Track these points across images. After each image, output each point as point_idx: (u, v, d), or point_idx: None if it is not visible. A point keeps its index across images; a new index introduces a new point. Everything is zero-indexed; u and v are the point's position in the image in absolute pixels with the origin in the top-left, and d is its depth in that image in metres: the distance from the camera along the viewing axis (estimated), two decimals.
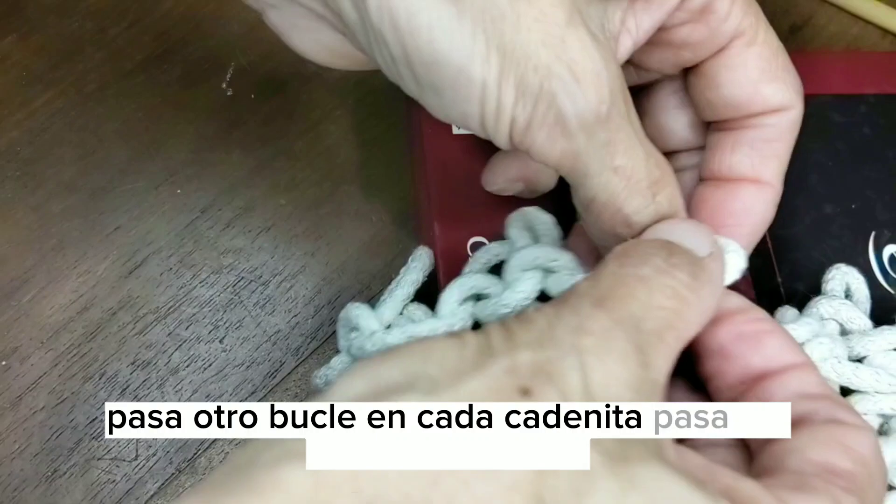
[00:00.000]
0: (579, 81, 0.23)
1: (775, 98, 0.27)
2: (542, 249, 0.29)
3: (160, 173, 0.37)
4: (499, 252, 0.31)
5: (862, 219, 0.36)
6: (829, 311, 0.32)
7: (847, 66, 0.39)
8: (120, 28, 0.40)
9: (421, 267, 0.32)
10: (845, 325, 0.32)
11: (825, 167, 0.37)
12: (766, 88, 0.27)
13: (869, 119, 0.38)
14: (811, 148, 0.35)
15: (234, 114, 0.38)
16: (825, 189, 0.36)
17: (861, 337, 0.31)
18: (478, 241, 0.33)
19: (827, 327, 0.32)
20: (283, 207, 0.37)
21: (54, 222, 0.36)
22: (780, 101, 0.28)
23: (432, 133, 0.35)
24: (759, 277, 0.34)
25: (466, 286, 0.30)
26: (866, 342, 0.31)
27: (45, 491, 0.32)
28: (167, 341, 0.34)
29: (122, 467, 0.32)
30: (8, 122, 0.37)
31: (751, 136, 0.28)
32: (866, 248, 0.35)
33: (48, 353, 0.34)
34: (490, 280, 0.30)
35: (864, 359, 0.31)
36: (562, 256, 0.29)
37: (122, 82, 0.39)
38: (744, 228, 0.29)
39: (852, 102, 0.38)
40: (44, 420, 0.33)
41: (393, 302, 0.31)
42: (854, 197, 0.36)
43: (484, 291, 0.30)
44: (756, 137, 0.28)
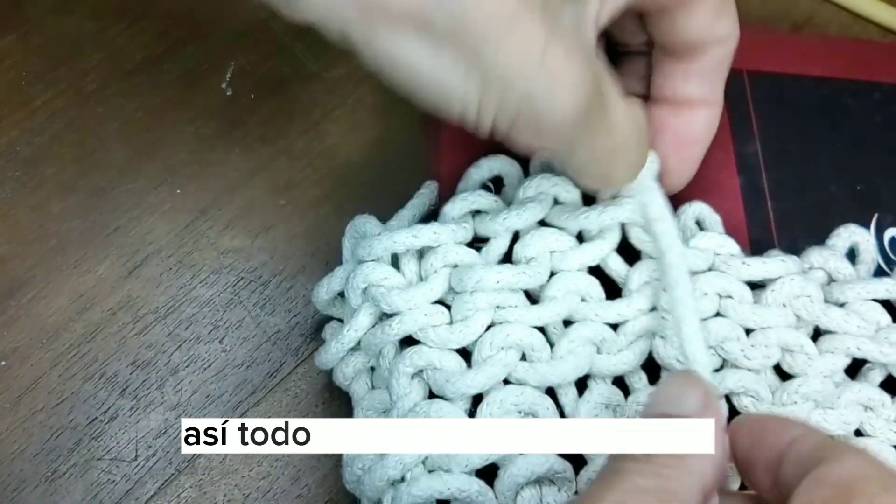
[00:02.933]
0: (558, 97, 0.24)
1: (723, 31, 0.30)
2: (558, 178, 0.32)
3: (160, 173, 0.37)
4: (492, 167, 0.33)
5: (866, 201, 0.36)
6: (819, 259, 0.33)
7: (864, 54, 0.40)
8: (120, 28, 0.40)
9: (427, 195, 0.33)
10: (833, 275, 0.33)
11: (834, 148, 0.37)
12: (717, 25, 0.30)
13: (882, 107, 0.38)
14: (822, 129, 0.36)
15: (234, 114, 0.38)
16: (832, 169, 0.37)
17: (841, 284, 0.32)
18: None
19: (813, 275, 0.32)
20: (283, 207, 0.37)
21: (54, 222, 0.36)
22: (727, 33, 0.30)
23: None
24: (757, 243, 0.34)
25: (469, 200, 0.32)
26: (846, 289, 0.32)
27: (45, 491, 0.32)
28: (167, 341, 0.34)
29: (121, 468, 0.32)
30: (8, 122, 0.37)
31: (700, 65, 0.31)
32: (868, 230, 0.35)
33: (48, 353, 0.34)
34: (492, 197, 0.32)
35: (843, 305, 0.32)
36: (574, 192, 0.31)
37: (122, 82, 0.39)
38: (701, 143, 0.32)
39: (867, 89, 0.39)
40: (43, 420, 0.33)
41: (399, 219, 0.33)
42: (860, 179, 0.37)
43: (485, 207, 0.32)
44: (705, 66, 0.31)
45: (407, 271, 0.31)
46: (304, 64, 0.40)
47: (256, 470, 0.33)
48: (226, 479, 0.33)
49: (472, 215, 0.32)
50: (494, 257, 0.31)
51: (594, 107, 0.26)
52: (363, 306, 0.31)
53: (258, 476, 0.33)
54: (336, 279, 0.32)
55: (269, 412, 0.34)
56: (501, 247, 0.31)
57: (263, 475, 0.33)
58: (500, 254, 0.31)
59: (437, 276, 0.30)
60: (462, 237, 0.31)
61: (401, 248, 0.30)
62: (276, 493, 0.33)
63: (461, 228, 0.31)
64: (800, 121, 0.37)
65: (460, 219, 0.31)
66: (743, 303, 0.31)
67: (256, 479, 0.33)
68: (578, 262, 0.31)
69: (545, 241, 0.31)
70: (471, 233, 0.31)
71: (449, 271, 0.31)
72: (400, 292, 0.30)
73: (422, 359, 0.30)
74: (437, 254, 0.31)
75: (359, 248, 0.31)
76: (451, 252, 0.30)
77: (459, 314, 0.30)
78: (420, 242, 0.30)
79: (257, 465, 0.33)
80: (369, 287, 0.30)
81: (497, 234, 0.31)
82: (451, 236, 0.31)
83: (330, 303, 0.33)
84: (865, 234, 0.34)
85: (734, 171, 0.36)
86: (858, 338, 0.31)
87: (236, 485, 0.33)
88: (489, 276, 0.30)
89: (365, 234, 0.32)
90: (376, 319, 0.31)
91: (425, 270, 0.31)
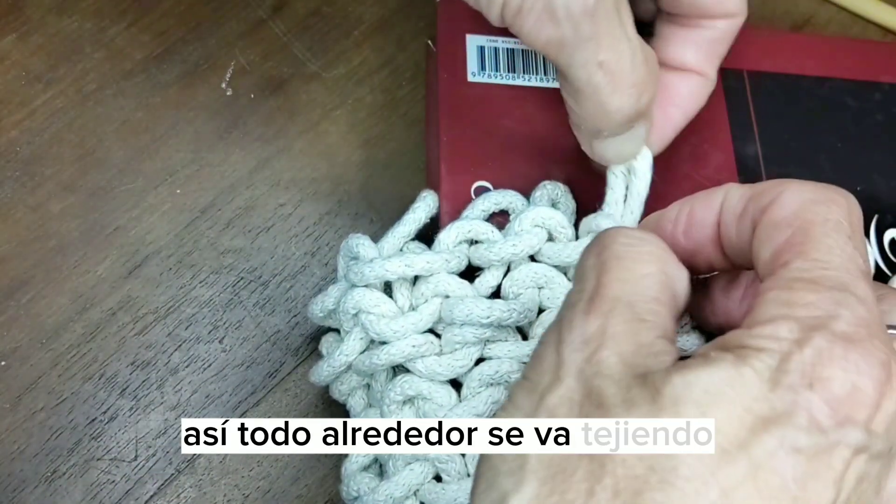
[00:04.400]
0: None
1: (731, 5, 0.30)
2: (554, 213, 0.31)
3: (160, 173, 0.37)
4: (499, 201, 0.32)
5: (866, 201, 0.36)
6: None
7: (866, 54, 0.40)
8: (120, 28, 0.40)
9: (425, 208, 0.33)
10: None
11: (835, 148, 0.37)
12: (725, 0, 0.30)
13: (883, 106, 0.38)
14: (823, 128, 0.36)
15: (234, 114, 0.38)
16: (832, 169, 0.37)
17: None
18: (482, 186, 0.34)
19: None
20: (283, 207, 0.37)
21: (54, 222, 0.36)
22: (734, 8, 0.30)
23: (448, 78, 0.36)
24: None
25: (465, 229, 0.31)
26: None
27: (45, 491, 0.32)
28: (167, 341, 0.34)
29: (121, 468, 0.32)
30: (8, 122, 0.37)
31: (701, 35, 0.31)
32: (868, 231, 0.35)
33: (48, 353, 0.34)
34: (488, 227, 0.31)
35: None
36: (568, 228, 0.31)
37: (122, 82, 0.38)
38: (685, 110, 0.32)
39: (868, 89, 0.39)
40: (43, 420, 0.33)
41: (393, 238, 0.32)
42: (860, 179, 0.37)
43: (480, 237, 0.31)
44: (706, 37, 0.31)
45: (399, 297, 0.31)
46: (304, 64, 0.40)
47: (256, 470, 0.33)
48: (226, 479, 0.33)
49: (469, 244, 0.31)
50: (487, 289, 0.31)
51: (605, 5, 0.25)
52: (354, 331, 0.31)
53: (258, 476, 0.33)
54: (330, 298, 0.31)
55: (269, 412, 0.34)
56: (494, 279, 0.31)
57: (263, 475, 0.33)
58: (493, 286, 0.31)
59: (428, 305, 0.30)
60: (455, 266, 0.31)
61: (392, 276, 0.30)
62: (276, 493, 0.33)
63: (455, 258, 0.30)
64: (800, 121, 0.37)
65: (455, 247, 0.31)
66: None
67: (256, 479, 0.33)
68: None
69: (534, 276, 0.31)
70: (465, 262, 0.31)
71: (440, 301, 0.30)
72: (389, 321, 0.30)
73: (412, 388, 0.30)
74: (428, 283, 0.30)
75: (350, 273, 0.31)
76: (443, 282, 0.30)
77: (449, 346, 0.30)
78: (412, 271, 0.30)
79: (257, 465, 0.33)
80: (359, 313, 0.30)
81: (489, 266, 0.31)
82: (443, 266, 0.30)
83: (326, 317, 0.32)
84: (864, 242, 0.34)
85: (734, 173, 0.36)
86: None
87: (236, 485, 0.33)
88: (479, 310, 0.29)
89: (358, 256, 0.31)
90: (368, 343, 0.31)
91: (417, 299, 0.31)
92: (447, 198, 0.33)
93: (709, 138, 0.36)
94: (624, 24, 0.26)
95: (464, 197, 0.33)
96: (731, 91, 0.37)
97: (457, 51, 0.36)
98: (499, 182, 0.33)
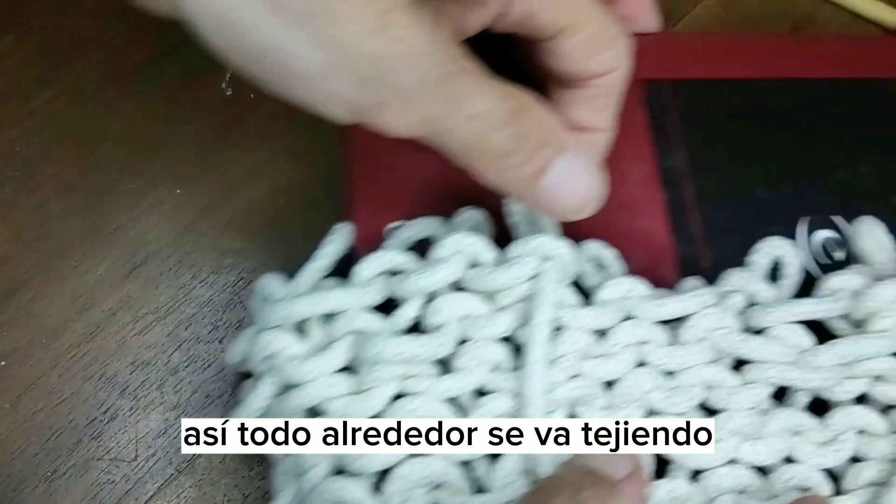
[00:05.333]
0: (410, 56, 0.24)
1: (601, 67, 0.29)
2: (475, 238, 0.30)
3: (160, 173, 0.37)
4: (421, 229, 0.31)
5: (795, 204, 0.35)
6: (738, 282, 0.32)
7: (787, 50, 0.38)
8: (120, 28, 0.40)
9: (339, 240, 0.32)
10: (754, 298, 0.32)
11: (760, 151, 0.36)
12: (593, 61, 0.29)
13: (809, 104, 0.37)
14: (747, 132, 0.34)
15: (234, 114, 0.38)
16: (759, 173, 0.36)
17: (761, 309, 0.31)
18: (398, 227, 0.32)
19: (730, 299, 0.31)
20: (283, 207, 0.37)
21: (54, 222, 0.36)
22: (606, 68, 0.30)
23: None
24: (685, 260, 0.33)
25: (382, 260, 0.30)
26: (766, 314, 0.31)
27: (45, 491, 0.32)
28: (167, 341, 0.34)
29: (121, 468, 0.32)
30: (8, 122, 0.37)
31: (585, 95, 0.30)
32: (798, 234, 0.35)
33: (48, 353, 0.34)
34: (406, 257, 0.30)
35: (764, 330, 0.31)
36: (490, 252, 0.30)
37: (122, 82, 0.38)
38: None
39: (793, 87, 0.37)
40: (43, 420, 0.33)
41: (307, 273, 0.31)
42: (788, 182, 0.36)
43: (400, 267, 0.30)
44: (589, 96, 0.30)
45: (313, 335, 0.30)
46: None
47: (256, 470, 0.33)
48: (226, 479, 0.33)
49: (390, 275, 0.30)
50: (403, 323, 0.30)
51: (453, 67, 0.25)
52: (266, 375, 0.29)
53: (258, 476, 0.33)
54: (244, 343, 0.30)
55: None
56: (412, 311, 0.30)
57: (263, 475, 0.33)
58: (411, 318, 0.30)
59: (341, 343, 0.29)
60: (370, 301, 0.29)
61: (299, 317, 0.29)
62: None
63: (369, 292, 0.29)
64: (725, 126, 0.36)
65: (371, 280, 0.30)
66: (660, 347, 0.30)
67: (256, 479, 0.33)
68: (490, 333, 0.29)
69: (455, 306, 0.29)
70: (381, 295, 0.30)
71: (353, 338, 0.29)
72: (300, 363, 0.29)
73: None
74: (341, 320, 0.29)
75: (258, 315, 0.30)
76: (356, 318, 0.29)
77: (364, 384, 0.29)
78: (322, 309, 0.29)
79: (257, 465, 0.33)
80: (270, 357, 0.29)
81: (407, 298, 0.30)
82: (356, 301, 0.29)
83: (242, 363, 0.31)
84: (788, 246, 0.33)
85: (657, 187, 0.35)
86: (779, 365, 0.30)
87: (236, 485, 0.33)
88: (390, 348, 0.28)
89: (268, 297, 0.30)
90: (282, 387, 0.29)
91: (330, 336, 0.29)
92: (363, 238, 0.32)
93: (629, 154, 0.34)
94: (478, 75, 0.25)
95: (380, 235, 0.32)
96: (655, 103, 0.36)
97: None
98: (419, 213, 0.32)
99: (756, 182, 0.36)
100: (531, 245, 0.30)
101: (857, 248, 0.34)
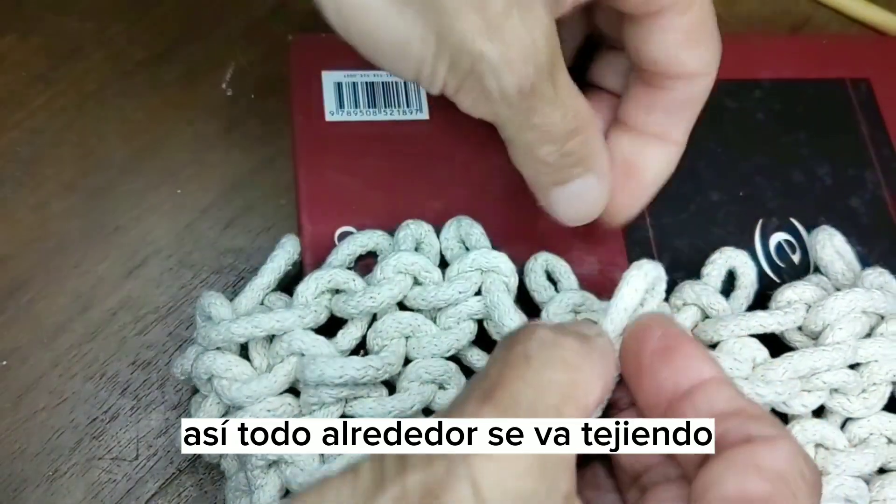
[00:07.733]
0: (509, 63, 0.25)
1: (692, 64, 0.29)
2: (417, 258, 0.30)
3: (160, 173, 0.37)
4: (365, 243, 0.31)
5: (750, 206, 0.35)
6: (691, 295, 0.31)
7: (741, 51, 0.38)
8: (120, 28, 0.40)
9: (284, 255, 0.31)
10: (707, 311, 0.31)
11: (714, 154, 0.36)
12: (685, 54, 0.29)
13: (763, 104, 0.37)
14: (700, 134, 0.33)
15: (234, 114, 0.39)
16: (713, 176, 0.35)
17: (714, 322, 0.31)
18: (346, 231, 0.32)
19: (685, 313, 0.31)
20: (283, 207, 0.37)
21: (54, 222, 0.36)
22: (696, 68, 0.29)
23: (303, 120, 0.34)
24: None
25: (324, 279, 0.30)
26: (719, 327, 0.30)
27: (46, 491, 0.32)
28: (167, 341, 0.34)
29: (122, 467, 0.32)
30: (8, 122, 0.37)
31: (666, 98, 0.30)
32: (753, 237, 0.34)
33: (48, 353, 0.34)
34: (349, 275, 0.30)
35: (718, 344, 0.31)
36: (433, 271, 0.30)
37: (122, 82, 0.39)
38: (648, 183, 0.31)
39: (746, 88, 0.37)
40: (44, 420, 0.33)
41: (252, 291, 0.30)
42: (743, 184, 0.35)
43: (342, 286, 0.30)
44: (670, 99, 0.30)
45: (255, 357, 0.29)
46: None
47: None
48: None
49: (333, 293, 0.30)
50: (347, 343, 0.29)
51: (542, 80, 0.26)
52: (211, 395, 0.30)
53: None
54: (188, 360, 0.30)
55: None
56: (358, 330, 0.29)
57: None
58: (355, 338, 0.30)
59: (284, 365, 0.29)
60: (312, 321, 0.29)
61: (240, 339, 0.29)
62: None
63: (310, 312, 0.29)
64: None
65: (314, 300, 0.29)
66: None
67: None
68: (434, 351, 0.29)
69: (398, 326, 0.29)
70: (324, 315, 0.30)
71: (296, 359, 0.29)
72: (242, 385, 0.28)
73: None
74: (283, 341, 0.29)
75: (199, 336, 0.29)
76: (297, 339, 0.29)
77: (306, 407, 0.29)
78: (261, 332, 0.29)
79: None
80: (212, 378, 0.29)
81: (351, 317, 0.29)
82: (297, 322, 0.29)
83: (188, 379, 0.31)
84: (743, 256, 0.33)
85: None
86: (734, 380, 0.29)
87: None
88: (331, 370, 0.28)
89: (210, 317, 0.30)
90: (227, 408, 0.30)
91: (272, 358, 0.29)
92: (310, 246, 0.32)
93: None
94: (559, 89, 0.27)
95: (328, 243, 0.32)
96: None
97: (312, 90, 0.35)
98: (366, 223, 0.32)
99: (708, 184, 0.35)
100: (468, 260, 0.30)
101: (814, 258, 0.34)
